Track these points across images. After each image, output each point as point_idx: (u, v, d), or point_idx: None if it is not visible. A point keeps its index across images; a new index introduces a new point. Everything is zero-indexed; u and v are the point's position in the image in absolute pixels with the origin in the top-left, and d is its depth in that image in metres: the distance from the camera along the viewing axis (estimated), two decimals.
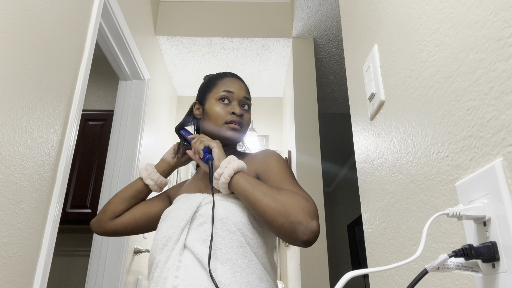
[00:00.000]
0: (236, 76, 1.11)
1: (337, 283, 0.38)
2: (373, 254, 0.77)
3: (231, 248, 0.84)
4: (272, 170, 0.94)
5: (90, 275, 1.94)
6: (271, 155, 0.99)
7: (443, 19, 0.50)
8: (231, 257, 0.83)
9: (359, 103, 0.89)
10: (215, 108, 1.03)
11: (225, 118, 1.01)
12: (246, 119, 1.05)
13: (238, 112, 1.01)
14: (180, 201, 0.97)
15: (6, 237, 1.03)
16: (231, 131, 1.01)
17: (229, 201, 0.90)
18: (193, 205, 0.90)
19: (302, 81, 2.51)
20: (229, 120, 1.01)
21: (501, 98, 0.38)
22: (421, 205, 0.56)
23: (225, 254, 0.83)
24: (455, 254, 0.38)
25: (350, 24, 0.97)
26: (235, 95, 1.04)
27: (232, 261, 0.83)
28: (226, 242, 0.84)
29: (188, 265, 0.83)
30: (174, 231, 0.88)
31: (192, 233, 0.87)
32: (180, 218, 0.89)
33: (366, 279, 4.08)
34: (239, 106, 1.04)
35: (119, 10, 1.88)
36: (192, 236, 0.87)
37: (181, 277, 0.81)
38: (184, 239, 0.86)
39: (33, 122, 1.15)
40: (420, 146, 0.56)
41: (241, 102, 1.05)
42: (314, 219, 0.79)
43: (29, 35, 1.12)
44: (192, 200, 0.93)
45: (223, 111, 1.02)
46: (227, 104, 1.03)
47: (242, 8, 2.77)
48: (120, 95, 2.31)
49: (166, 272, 0.83)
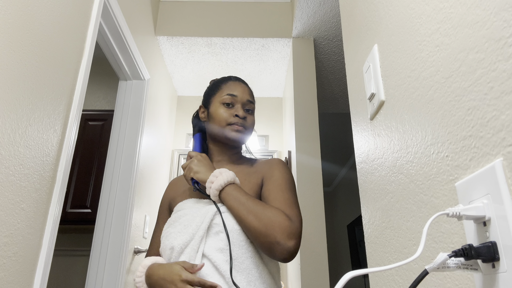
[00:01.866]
0: (240, 80, 1.14)
1: (337, 283, 0.38)
2: (373, 254, 0.77)
3: (247, 259, 0.87)
4: (275, 181, 0.97)
5: (90, 275, 1.94)
6: (280, 165, 1.03)
7: (443, 19, 0.50)
8: (246, 266, 0.87)
9: (359, 103, 0.89)
10: (219, 110, 1.06)
11: (228, 120, 1.05)
12: (250, 121, 1.08)
13: (241, 114, 1.05)
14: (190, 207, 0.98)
15: (6, 237, 1.03)
16: (234, 132, 1.04)
17: None
18: (210, 214, 0.91)
19: (302, 81, 2.51)
20: (232, 122, 1.04)
21: (501, 98, 0.38)
22: (421, 205, 0.56)
23: (241, 263, 0.86)
24: (455, 254, 0.38)
25: (350, 24, 0.97)
26: (239, 98, 1.07)
27: (247, 271, 0.86)
28: (242, 252, 0.87)
29: (205, 271, 0.85)
30: (191, 239, 0.89)
31: (209, 241, 0.89)
32: (196, 226, 0.90)
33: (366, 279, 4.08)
34: (242, 109, 1.07)
35: (119, 10, 1.88)
36: (208, 244, 0.89)
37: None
38: (203, 247, 0.88)
39: (33, 122, 1.15)
40: (420, 146, 0.56)
41: (244, 105, 1.08)
42: (293, 239, 0.84)
43: (29, 35, 1.12)
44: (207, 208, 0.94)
45: (226, 114, 1.05)
46: (231, 107, 1.07)
47: (242, 8, 2.77)
48: (120, 95, 2.31)
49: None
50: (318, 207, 2.18)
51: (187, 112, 3.30)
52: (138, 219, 2.23)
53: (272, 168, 1.02)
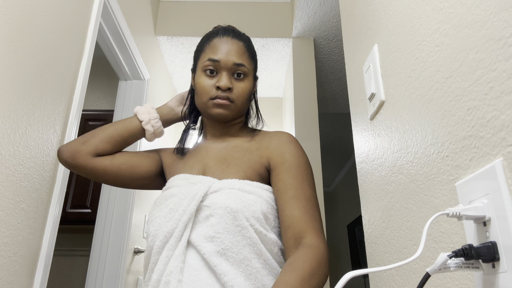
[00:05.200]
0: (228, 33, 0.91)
1: (337, 283, 0.38)
2: (373, 254, 0.77)
3: (244, 247, 0.73)
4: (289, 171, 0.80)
5: (90, 275, 1.94)
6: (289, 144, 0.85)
7: (443, 19, 0.50)
8: (244, 257, 0.72)
9: (359, 103, 0.89)
10: (200, 81, 0.88)
11: (210, 93, 0.86)
12: (238, 90, 0.87)
13: (223, 84, 0.85)
14: (179, 185, 0.83)
15: (6, 237, 1.03)
16: (216, 108, 0.86)
17: (241, 189, 0.77)
18: (198, 195, 0.76)
19: (302, 81, 2.51)
20: (213, 95, 0.86)
21: (501, 98, 0.38)
22: (421, 205, 0.55)
23: (237, 254, 0.72)
24: (455, 254, 0.38)
25: (350, 24, 0.97)
26: (222, 63, 0.86)
27: (245, 262, 0.72)
28: (237, 240, 0.73)
29: (192, 265, 0.73)
30: (176, 226, 0.75)
31: (197, 228, 0.75)
32: (182, 210, 0.76)
33: (366, 279, 4.08)
34: (228, 76, 0.86)
35: (119, 10, 1.88)
36: (197, 232, 0.75)
37: (185, 280, 0.71)
38: (187, 235, 0.75)
39: (33, 122, 1.15)
40: (420, 146, 0.56)
41: (231, 70, 0.87)
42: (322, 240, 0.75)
43: (29, 35, 1.12)
44: (196, 186, 0.79)
45: (208, 85, 0.86)
46: (215, 75, 0.87)
47: (242, 8, 2.77)
48: (120, 95, 2.31)
49: (167, 276, 0.72)
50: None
51: None
52: (138, 219, 2.23)
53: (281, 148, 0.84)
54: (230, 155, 0.87)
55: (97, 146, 0.92)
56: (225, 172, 0.83)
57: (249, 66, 0.90)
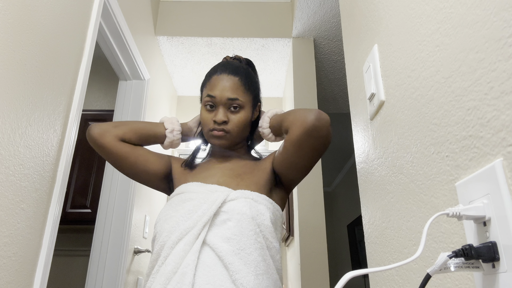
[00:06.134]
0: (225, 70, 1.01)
1: (337, 283, 0.38)
2: (373, 254, 0.77)
3: (255, 250, 0.82)
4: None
5: (90, 275, 1.94)
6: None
7: (443, 19, 0.50)
8: (254, 259, 0.81)
9: (359, 103, 0.89)
10: (202, 114, 1.01)
11: (209, 125, 0.98)
12: (234, 122, 0.98)
13: (219, 119, 0.96)
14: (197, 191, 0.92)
15: (6, 237, 1.03)
16: (214, 139, 0.99)
17: (254, 200, 0.89)
18: (218, 201, 0.86)
19: (302, 81, 2.51)
20: (211, 128, 0.98)
21: (501, 98, 0.38)
22: (421, 205, 0.56)
23: (249, 255, 0.81)
24: (455, 255, 0.38)
25: (350, 24, 0.97)
26: (218, 99, 0.97)
27: (255, 263, 0.81)
28: (251, 242, 0.82)
29: (206, 262, 0.80)
30: (194, 225, 0.84)
31: (214, 229, 0.84)
32: (202, 212, 0.85)
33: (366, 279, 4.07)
34: (224, 110, 0.97)
35: (119, 10, 1.88)
36: (214, 233, 0.83)
37: (199, 275, 0.79)
38: (204, 235, 0.83)
39: (33, 122, 1.15)
40: (420, 146, 0.56)
41: (226, 105, 0.97)
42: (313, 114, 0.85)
43: (29, 35, 1.12)
44: (215, 194, 0.89)
45: (207, 118, 0.99)
46: (212, 110, 0.99)
47: (242, 8, 2.77)
48: (120, 95, 2.31)
49: (184, 268, 0.79)
50: (318, 207, 2.18)
51: (187, 112, 3.30)
52: (138, 219, 2.23)
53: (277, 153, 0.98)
54: (243, 171, 0.99)
55: (125, 132, 1.01)
56: (240, 185, 0.94)
57: (244, 98, 0.99)
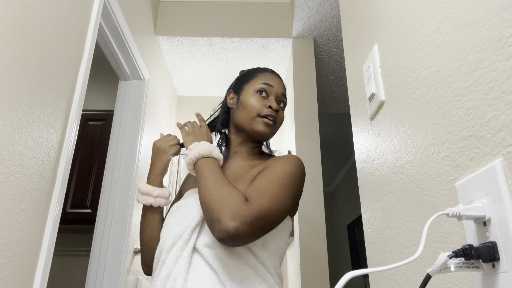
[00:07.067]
0: (276, 73, 1.08)
1: (337, 283, 0.38)
2: (373, 254, 0.77)
3: (244, 270, 0.81)
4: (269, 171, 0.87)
5: (90, 275, 1.94)
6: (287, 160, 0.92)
7: (443, 19, 0.50)
8: (245, 278, 0.80)
9: (359, 103, 0.89)
10: (251, 99, 0.99)
11: (261, 110, 0.97)
12: (281, 116, 1.01)
13: (275, 106, 0.97)
14: (191, 197, 0.93)
15: (6, 237, 1.03)
16: (263, 126, 0.96)
17: None
18: None
19: (302, 81, 2.51)
20: (264, 113, 0.96)
21: (501, 98, 0.38)
22: (421, 205, 0.56)
23: (239, 276, 0.80)
24: (455, 255, 0.38)
25: (350, 24, 0.97)
26: (274, 90, 1.00)
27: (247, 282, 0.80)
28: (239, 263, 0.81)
29: (198, 265, 0.82)
30: (185, 230, 0.84)
31: (202, 236, 0.84)
32: (191, 217, 0.86)
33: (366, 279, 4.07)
34: (276, 102, 1.00)
35: (119, 10, 1.88)
36: (201, 240, 0.84)
37: (190, 278, 0.80)
38: (194, 240, 0.84)
39: (33, 122, 1.15)
40: (420, 146, 0.56)
41: (278, 98, 1.01)
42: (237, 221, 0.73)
43: (29, 35, 1.12)
44: None
45: (259, 104, 0.98)
46: (264, 98, 0.99)
47: (242, 8, 2.77)
48: (120, 95, 2.31)
49: (176, 273, 0.80)
50: (318, 207, 2.18)
51: (187, 112, 3.30)
52: (138, 219, 2.23)
53: (277, 160, 0.91)
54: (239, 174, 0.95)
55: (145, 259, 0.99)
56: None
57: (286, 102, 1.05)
